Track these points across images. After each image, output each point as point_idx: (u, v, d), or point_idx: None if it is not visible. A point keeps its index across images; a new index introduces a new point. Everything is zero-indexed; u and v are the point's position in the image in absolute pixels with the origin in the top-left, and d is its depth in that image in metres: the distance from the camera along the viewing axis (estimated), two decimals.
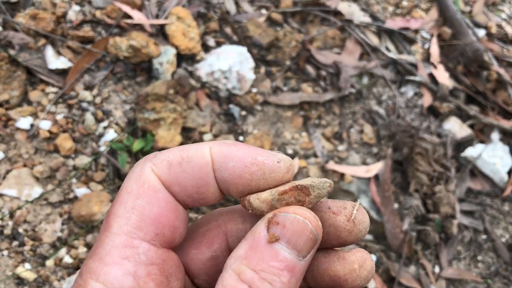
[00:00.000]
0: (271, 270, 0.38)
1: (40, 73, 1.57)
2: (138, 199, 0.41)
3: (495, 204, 1.89)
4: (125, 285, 0.38)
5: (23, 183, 1.42)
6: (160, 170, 0.42)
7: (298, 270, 0.39)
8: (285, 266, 0.38)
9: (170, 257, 0.42)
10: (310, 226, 0.40)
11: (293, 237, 0.39)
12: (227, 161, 0.42)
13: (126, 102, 1.64)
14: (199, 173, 0.42)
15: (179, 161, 0.42)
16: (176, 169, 0.42)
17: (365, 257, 0.44)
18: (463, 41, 2.17)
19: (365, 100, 1.97)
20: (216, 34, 1.91)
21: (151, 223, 0.41)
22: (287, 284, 0.38)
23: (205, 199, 0.43)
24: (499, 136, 1.99)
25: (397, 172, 1.84)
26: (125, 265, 0.39)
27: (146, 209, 0.41)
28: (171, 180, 0.42)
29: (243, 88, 1.78)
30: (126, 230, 0.40)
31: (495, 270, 1.78)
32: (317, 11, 2.11)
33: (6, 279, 1.30)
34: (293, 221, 0.39)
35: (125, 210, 0.40)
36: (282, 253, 0.38)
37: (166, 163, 0.42)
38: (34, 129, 1.50)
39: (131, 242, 0.40)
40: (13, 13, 1.64)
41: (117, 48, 1.63)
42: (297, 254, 0.39)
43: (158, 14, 1.84)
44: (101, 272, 0.38)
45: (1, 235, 1.36)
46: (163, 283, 0.41)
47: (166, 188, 0.42)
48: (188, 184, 0.42)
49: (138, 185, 0.41)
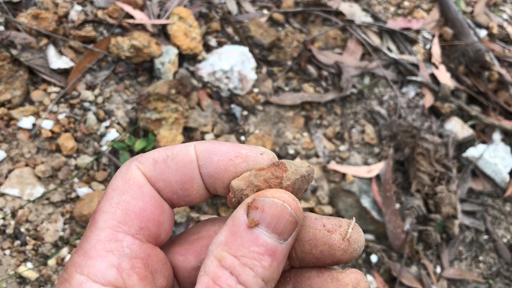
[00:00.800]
0: (251, 255, 0.38)
1: (42, 73, 1.57)
2: (123, 194, 0.42)
3: (497, 204, 1.89)
4: (109, 277, 0.38)
5: (25, 182, 1.42)
6: (145, 167, 0.43)
7: (279, 254, 0.39)
8: (266, 250, 0.38)
9: (155, 253, 0.43)
10: (289, 209, 0.39)
11: (272, 221, 0.39)
12: (211, 156, 0.43)
13: (128, 102, 1.64)
14: (183, 169, 0.43)
15: (164, 158, 0.43)
16: (161, 165, 0.43)
17: (359, 279, 0.44)
18: (464, 42, 2.17)
19: (366, 100, 1.97)
20: (218, 34, 1.91)
21: (136, 217, 0.41)
22: (268, 268, 0.38)
23: (190, 196, 0.44)
24: (500, 137, 1.99)
25: (398, 172, 1.84)
26: (109, 258, 0.39)
27: (130, 203, 0.41)
28: (156, 176, 0.43)
29: (244, 88, 1.78)
30: (111, 224, 0.40)
31: (497, 271, 1.78)
32: (319, 11, 2.11)
33: (8, 278, 1.30)
34: (271, 205, 0.39)
35: (111, 205, 0.41)
36: (262, 238, 0.38)
37: (151, 160, 0.43)
38: (36, 129, 1.50)
39: (116, 235, 0.40)
40: (15, 13, 1.64)
41: (119, 48, 1.63)
42: (278, 237, 0.39)
43: (160, 14, 1.84)
44: (86, 265, 0.39)
45: (3, 234, 1.36)
46: (147, 278, 0.41)
47: (151, 184, 0.43)
48: (173, 180, 0.43)
49: (123, 182, 0.42)
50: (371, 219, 1.68)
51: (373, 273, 1.64)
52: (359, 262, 1.65)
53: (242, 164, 0.43)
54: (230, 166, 0.43)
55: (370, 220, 1.69)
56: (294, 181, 0.43)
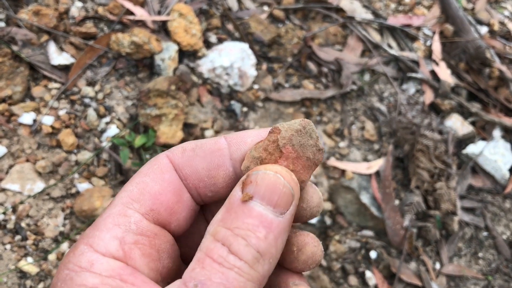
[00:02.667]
0: (245, 226, 0.37)
1: (42, 69, 1.58)
2: (145, 176, 0.43)
3: (496, 201, 1.89)
4: (110, 248, 0.39)
5: (26, 178, 1.43)
6: (174, 155, 0.44)
7: (276, 227, 0.38)
8: (260, 221, 0.38)
9: (163, 234, 0.43)
10: (282, 180, 0.39)
11: (266, 192, 0.39)
12: (245, 139, 0.44)
13: (128, 98, 1.64)
14: (210, 156, 0.44)
15: (193, 147, 0.45)
16: (189, 153, 0.44)
17: (306, 242, 0.44)
18: (465, 38, 2.17)
19: (366, 97, 1.97)
20: (218, 31, 1.91)
21: (149, 198, 0.42)
22: (263, 240, 0.37)
23: (216, 184, 0.44)
24: (500, 133, 1.99)
25: (398, 168, 1.84)
26: (115, 230, 0.40)
27: (148, 184, 0.43)
28: (183, 163, 0.44)
29: (244, 85, 1.79)
30: (124, 201, 0.42)
31: (496, 267, 1.78)
32: (319, 8, 2.11)
33: (9, 272, 1.31)
34: (264, 177, 0.39)
35: (130, 185, 0.43)
36: (256, 210, 0.38)
37: (180, 149, 0.45)
38: (37, 125, 1.51)
39: (126, 211, 0.41)
40: (16, 9, 1.65)
41: (119, 44, 1.63)
42: (273, 210, 0.38)
43: (160, 10, 1.84)
44: (91, 236, 0.40)
45: (4, 229, 1.37)
46: (151, 255, 0.41)
47: (178, 170, 0.44)
48: (199, 167, 0.44)
49: (148, 166, 0.44)
50: (371, 215, 1.69)
51: (372, 269, 1.64)
52: (358, 258, 1.66)
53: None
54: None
55: (369, 216, 1.69)
56: (290, 137, 0.43)
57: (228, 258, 0.36)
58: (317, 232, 1.66)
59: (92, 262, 0.38)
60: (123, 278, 0.38)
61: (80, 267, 0.38)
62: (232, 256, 0.36)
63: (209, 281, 0.35)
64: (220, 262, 0.36)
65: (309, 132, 0.44)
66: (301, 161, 0.43)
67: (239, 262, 0.36)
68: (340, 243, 1.66)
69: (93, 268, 0.38)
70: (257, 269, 0.37)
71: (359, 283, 1.62)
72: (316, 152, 0.44)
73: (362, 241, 1.69)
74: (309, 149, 0.43)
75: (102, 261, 0.38)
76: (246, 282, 0.36)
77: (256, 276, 0.37)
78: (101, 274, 0.37)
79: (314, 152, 0.44)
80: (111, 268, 0.38)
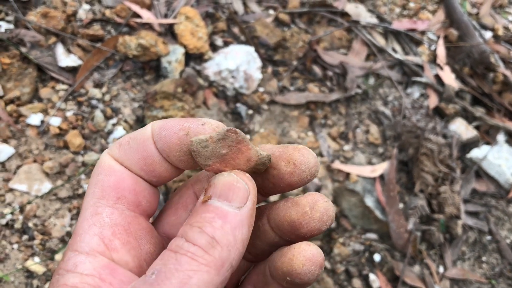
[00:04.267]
0: (202, 219, 0.39)
1: (50, 71, 1.59)
2: (98, 176, 0.45)
3: (500, 205, 1.90)
4: (93, 246, 0.42)
5: (33, 178, 1.44)
6: (112, 151, 0.46)
7: (233, 218, 0.39)
8: (216, 214, 0.39)
9: (137, 221, 0.46)
10: (235, 177, 0.42)
11: (222, 191, 0.41)
12: (161, 132, 0.45)
13: (134, 100, 1.66)
14: (142, 146, 0.45)
15: (127, 140, 0.46)
16: (125, 147, 0.46)
17: (316, 199, 0.45)
18: (469, 43, 2.18)
19: (371, 101, 1.98)
20: (224, 34, 1.92)
21: (111, 190, 0.45)
22: (220, 229, 0.38)
23: (156, 171, 0.46)
24: (504, 138, 2.00)
25: (402, 172, 1.85)
26: (92, 229, 0.43)
27: (104, 180, 0.45)
28: (121, 156, 0.46)
29: (250, 88, 1.80)
30: (92, 203, 0.44)
31: (500, 271, 1.78)
32: (324, 12, 2.13)
33: (16, 272, 1.32)
34: (219, 178, 0.42)
35: (90, 188, 0.45)
36: (213, 205, 0.40)
37: (117, 144, 0.47)
38: (44, 126, 1.52)
39: (96, 210, 0.44)
40: (24, 11, 1.67)
41: (126, 47, 1.65)
42: (229, 204, 0.40)
43: (167, 13, 1.86)
44: (74, 242, 0.42)
45: (12, 229, 1.38)
46: (131, 243, 0.44)
47: (120, 163, 0.46)
48: (136, 158, 0.46)
49: (97, 167, 0.46)
50: (375, 219, 1.69)
51: (376, 272, 1.65)
52: (362, 261, 1.66)
53: (184, 136, 0.45)
54: (175, 139, 0.45)
55: (373, 220, 1.70)
56: (208, 137, 0.44)
57: (183, 246, 0.38)
58: (321, 234, 1.67)
59: (76, 264, 0.41)
60: (102, 277, 0.40)
61: (67, 270, 0.40)
62: (186, 243, 0.38)
63: (164, 267, 0.37)
64: (176, 250, 0.38)
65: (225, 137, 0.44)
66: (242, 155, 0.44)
67: (193, 247, 0.38)
68: (344, 246, 1.67)
69: (77, 269, 0.40)
70: (213, 254, 0.37)
71: (363, 286, 1.62)
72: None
73: (366, 244, 1.69)
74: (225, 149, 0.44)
75: (85, 261, 0.41)
76: (200, 266, 0.37)
77: (212, 261, 0.37)
78: (82, 273, 0.40)
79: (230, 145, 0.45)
80: (93, 267, 0.40)
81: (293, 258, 0.43)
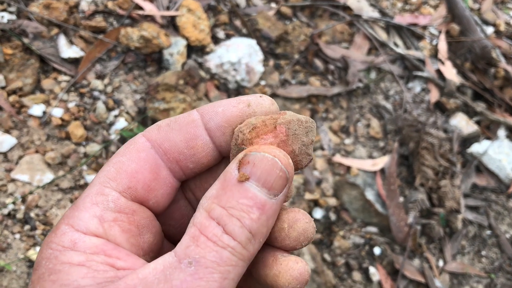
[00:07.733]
0: (240, 207, 0.38)
1: (52, 62, 1.59)
2: (121, 156, 0.44)
3: (500, 200, 1.90)
4: (90, 227, 0.40)
5: (35, 168, 1.45)
6: (150, 132, 0.45)
7: (269, 208, 0.39)
8: (255, 203, 0.39)
9: (142, 210, 0.44)
10: (279, 164, 0.40)
11: (263, 175, 0.39)
12: (215, 109, 0.45)
13: (136, 92, 1.66)
14: (186, 128, 0.45)
15: (168, 123, 0.45)
16: (165, 129, 0.45)
17: (297, 218, 0.44)
18: (471, 38, 2.18)
19: (372, 95, 1.98)
20: (226, 27, 1.92)
21: (126, 176, 0.43)
22: (256, 221, 0.38)
23: (196, 154, 0.45)
24: (505, 133, 2.00)
25: (403, 166, 1.85)
26: (94, 209, 0.41)
27: (124, 163, 0.44)
28: (161, 138, 0.45)
29: (251, 80, 1.80)
30: (101, 180, 0.43)
31: (499, 265, 1.79)
32: (326, 5, 2.12)
33: (18, 261, 1.33)
34: (262, 159, 0.40)
35: (108, 165, 0.44)
36: (252, 191, 0.39)
37: (156, 126, 0.46)
38: (47, 117, 1.52)
39: (103, 190, 0.42)
40: (27, 2, 1.67)
41: (128, 39, 1.65)
42: (268, 192, 0.39)
43: (169, 6, 1.86)
44: (71, 216, 0.41)
45: (14, 219, 1.39)
46: (131, 231, 0.43)
47: (156, 146, 0.45)
48: (177, 139, 0.45)
49: (125, 147, 0.45)
50: (375, 212, 1.70)
51: (376, 265, 1.66)
52: (362, 254, 1.67)
53: (245, 108, 0.44)
54: (236, 111, 0.44)
55: (374, 213, 1.71)
56: (289, 121, 0.43)
57: (223, 238, 0.37)
58: (322, 227, 1.68)
59: (74, 241, 0.39)
60: (107, 253, 0.39)
61: (63, 247, 0.39)
62: (226, 236, 0.38)
63: (203, 259, 0.37)
64: (214, 241, 0.37)
65: (308, 129, 0.44)
66: (286, 148, 0.43)
67: (233, 242, 0.38)
68: (345, 239, 1.67)
69: (77, 246, 0.39)
70: (249, 249, 0.38)
71: (363, 279, 1.63)
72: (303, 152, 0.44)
73: (366, 237, 1.70)
74: (298, 143, 0.44)
75: (85, 239, 0.39)
76: (238, 261, 0.38)
77: (247, 255, 0.38)
78: (86, 251, 0.39)
79: (302, 150, 0.44)
80: (94, 245, 0.39)
81: (279, 275, 0.42)
